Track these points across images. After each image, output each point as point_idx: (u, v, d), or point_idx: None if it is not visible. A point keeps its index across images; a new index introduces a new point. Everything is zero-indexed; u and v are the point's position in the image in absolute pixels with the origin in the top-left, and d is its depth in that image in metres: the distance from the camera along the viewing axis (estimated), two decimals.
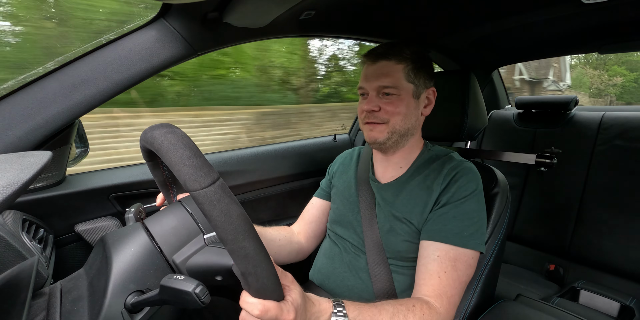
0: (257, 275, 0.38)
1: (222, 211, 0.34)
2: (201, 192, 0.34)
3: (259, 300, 0.39)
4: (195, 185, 0.34)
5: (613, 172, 1.35)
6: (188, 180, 0.35)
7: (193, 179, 0.34)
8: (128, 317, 0.42)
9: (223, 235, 0.35)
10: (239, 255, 0.36)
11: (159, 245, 0.46)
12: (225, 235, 0.35)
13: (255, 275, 0.38)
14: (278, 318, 0.40)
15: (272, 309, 0.40)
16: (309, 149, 1.44)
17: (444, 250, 0.66)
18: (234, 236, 0.35)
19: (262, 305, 0.39)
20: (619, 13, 0.99)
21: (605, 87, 10.30)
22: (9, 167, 0.32)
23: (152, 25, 0.76)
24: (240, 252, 0.36)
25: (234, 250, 0.36)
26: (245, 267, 0.36)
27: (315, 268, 0.88)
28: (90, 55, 0.73)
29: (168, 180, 0.57)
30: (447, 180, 0.72)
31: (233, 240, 0.35)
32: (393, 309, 0.56)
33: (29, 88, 0.69)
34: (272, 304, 0.40)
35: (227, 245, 0.36)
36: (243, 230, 0.35)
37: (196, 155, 0.36)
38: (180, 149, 0.36)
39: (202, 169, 0.35)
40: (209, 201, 0.34)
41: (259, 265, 0.37)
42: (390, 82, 0.73)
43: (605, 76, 10.05)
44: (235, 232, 0.35)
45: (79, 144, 0.88)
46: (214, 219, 0.34)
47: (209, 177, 0.35)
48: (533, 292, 1.33)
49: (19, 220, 0.69)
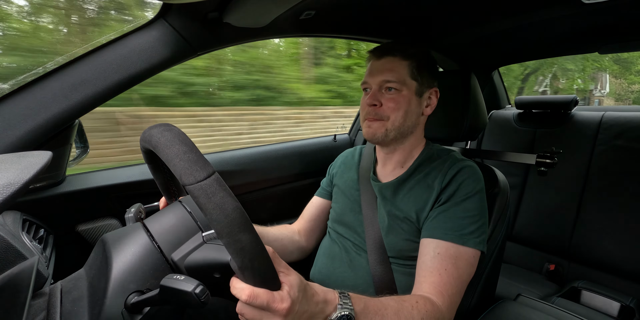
0: (254, 268, 0.37)
1: (218, 204, 0.34)
2: (196, 185, 0.34)
3: (247, 286, 0.39)
4: (190, 178, 0.34)
5: (613, 172, 1.35)
6: (183, 174, 0.35)
7: (188, 172, 0.35)
8: (128, 317, 0.42)
9: (218, 229, 0.35)
10: (235, 249, 0.35)
11: (158, 244, 0.46)
12: (220, 229, 0.35)
13: (252, 269, 0.37)
14: (269, 305, 0.39)
15: (262, 295, 0.38)
16: (309, 149, 1.44)
17: (444, 248, 0.66)
18: (229, 229, 0.35)
19: (250, 290, 0.38)
20: (619, 13, 0.99)
21: (625, 93, 11.70)
22: (9, 167, 0.32)
23: (152, 25, 0.76)
24: (236, 245, 0.35)
25: (230, 243, 0.35)
26: (241, 260, 0.36)
27: (315, 268, 0.88)
28: (91, 55, 0.73)
29: (169, 183, 0.57)
30: (448, 178, 0.72)
31: (229, 234, 0.35)
32: (397, 305, 0.56)
33: (29, 88, 0.69)
34: (262, 291, 0.39)
35: (223, 239, 0.35)
36: (239, 223, 0.35)
37: (192, 151, 0.37)
38: (176, 145, 0.37)
39: (197, 163, 0.35)
40: (204, 194, 0.34)
41: (255, 258, 0.37)
42: (394, 77, 0.74)
43: (625, 84, 11.15)
44: (231, 225, 0.35)
45: (79, 144, 0.88)
46: (209, 212, 0.34)
47: (204, 170, 0.35)
48: (533, 292, 1.33)
49: (19, 220, 0.69)
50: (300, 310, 0.43)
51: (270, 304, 0.39)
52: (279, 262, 0.43)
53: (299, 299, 0.42)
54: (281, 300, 0.40)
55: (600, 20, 1.06)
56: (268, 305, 0.39)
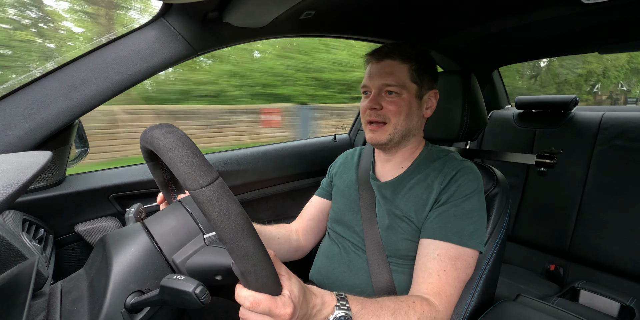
0: (257, 274, 0.37)
1: (222, 210, 0.34)
2: (200, 191, 0.34)
3: (250, 293, 0.39)
4: (194, 184, 0.34)
5: (613, 172, 1.35)
6: (187, 180, 0.35)
7: (192, 178, 0.34)
8: (128, 317, 0.42)
9: (222, 234, 0.35)
10: (238, 254, 0.36)
11: (159, 245, 0.46)
12: (224, 234, 0.35)
13: (255, 274, 0.37)
14: (272, 311, 0.39)
15: (265, 301, 0.39)
16: (309, 149, 1.44)
17: (444, 249, 0.66)
18: (233, 235, 0.35)
19: (253, 297, 0.38)
20: (619, 13, 0.99)
21: None
22: (9, 167, 0.32)
23: (152, 25, 0.76)
24: (240, 251, 0.35)
25: (234, 249, 0.35)
26: (244, 266, 0.36)
27: (315, 268, 0.88)
28: (90, 55, 0.73)
29: (168, 180, 0.57)
30: (447, 179, 0.72)
31: (232, 239, 0.35)
32: (394, 306, 0.56)
33: (29, 88, 0.69)
34: (264, 297, 0.39)
35: (227, 244, 0.35)
36: (242, 229, 0.35)
37: (195, 155, 0.36)
38: (179, 148, 0.36)
39: (201, 168, 0.35)
40: (208, 200, 0.34)
41: (259, 264, 0.37)
42: (394, 81, 0.73)
43: None
44: (235, 231, 0.35)
45: (79, 144, 0.89)
46: (213, 218, 0.34)
47: (208, 176, 0.35)
48: (533, 292, 1.33)
49: (19, 220, 0.69)
50: (301, 314, 0.43)
51: (273, 309, 0.39)
52: (279, 265, 0.44)
53: (300, 302, 0.43)
54: (284, 305, 0.40)
55: (600, 20, 1.06)
56: (271, 311, 0.39)
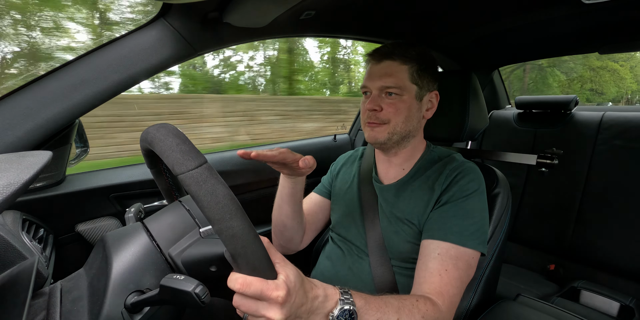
0: (247, 256, 0.37)
1: (208, 191, 0.35)
2: (188, 174, 0.35)
3: (240, 274, 0.37)
4: (182, 168, 0.35)
5: (613, 172, 1.35)
6: (176, 164, 0.36)
7: (180, 162, 0.35)
8: (128, 317, 0.42)
9: (209, 215, 0.35)
10: (226, 235, 0.35)
11: (156, 241, 0.46)
12: (211, 215, 0.35)
13: (245, 257, 0.37)
14: (264, 293, 0.37)
15: (255, 282, 0.37)
16: (309, 149, 1.44)
17: (444, 249, 0.65)
18: (220, 216, 0.35)
19: (243, 278, 0.37)
20: (619, 13, 0.99)
21: None
22: (9, 167, 0.32)
23: (152, 25, 0.76)
24: (228, 231, 0.35)
25: (222, 230, 0.35)
26: (233, 248, 0.36)
27: (317, 270, 0.88)
28: (91, 55, 0.73)
29: (172, 187, 0.57)
30: (448, 180, 0.72)
31: (220, 220, 0.35)
32: (398, 303, 0.55)
33: (29, 88, 0.69)
34: (255, 279, 0.37)
35: (215, 226, 0.35)
36: (230, 209, 0.35)
37: (185, 143, 0.38)
38: (170, 138, 0.38)
39: (189, 153, 0.36)
40: (195, 182, 0.35)
41: (248, 245, 0.36)
42: (394, 83, 0.73)
43: None
44: (222, 211, 0.35)
45: (79, 144, 0.88)
46: (201, 199, 0.35)
47: (195, 160, 0.36)
48: (533, 292, 1.33)
49: (19, 220, 0.69)
50: (298, 302, 0.41)
51: (265, 291, 0.37)
52: (274, 253, 0.42)
53: (296, 288, 0.41)
54: (276, 287, 0.38)
55: (600, 20, 1.06)
56: (262, 293, 0.37)
